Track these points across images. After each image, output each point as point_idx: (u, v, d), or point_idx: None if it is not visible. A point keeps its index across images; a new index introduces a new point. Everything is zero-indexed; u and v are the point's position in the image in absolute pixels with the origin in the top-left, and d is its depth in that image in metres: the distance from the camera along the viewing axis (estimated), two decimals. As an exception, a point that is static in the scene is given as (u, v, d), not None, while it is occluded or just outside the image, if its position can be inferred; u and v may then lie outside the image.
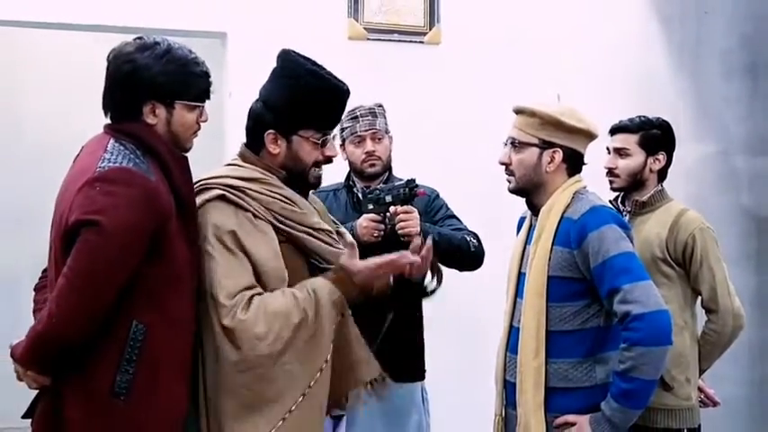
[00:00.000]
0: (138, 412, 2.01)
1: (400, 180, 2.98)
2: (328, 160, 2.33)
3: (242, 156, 2.32)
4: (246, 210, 2.19)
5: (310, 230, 2.27)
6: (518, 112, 2.53)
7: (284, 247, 2.22)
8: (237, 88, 3.63)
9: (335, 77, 2.30)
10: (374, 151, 3.04)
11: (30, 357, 2.01)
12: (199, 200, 2.20)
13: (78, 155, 2.17)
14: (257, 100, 2.31)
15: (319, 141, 2.28)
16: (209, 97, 2.21)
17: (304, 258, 2.27)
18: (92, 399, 2.00)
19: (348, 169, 3.13)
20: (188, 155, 2.22)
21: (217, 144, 3.60)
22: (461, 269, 3.00)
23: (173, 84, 2.12)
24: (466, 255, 2.96)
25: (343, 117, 2.83)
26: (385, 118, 3.10)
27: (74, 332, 1.96)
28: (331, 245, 2.30)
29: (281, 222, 2.23)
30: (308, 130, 2.27)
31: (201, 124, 2.20)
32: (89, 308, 1.95)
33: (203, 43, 3.26)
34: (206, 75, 2.19)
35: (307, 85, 2.24)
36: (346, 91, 2.31)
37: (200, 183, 2.25)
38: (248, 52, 3.76)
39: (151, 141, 2.10)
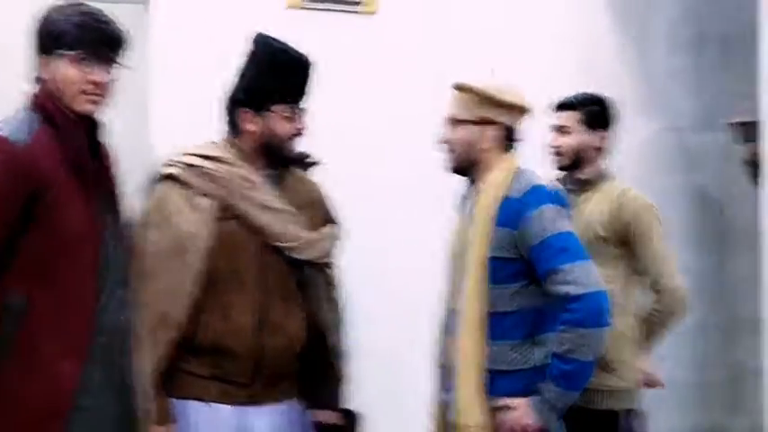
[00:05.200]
0: (17, 386, 2.05)
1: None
2: (300, 133, 2.51)
3: (223, 138, 2.55)
4: (192, 187, 2.44)
5: (259, 206, 2.45)
6: (457, 88, 2.62)
7: (233, 224, 2.44)
8: (163, 60, 3.58)
9: (299, 51, 2.51)
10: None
11: None
12: (155, 176, 2.48)
13: None
14: (233, 83, 2.51)
15: (290, 114, 2.48)
16: (100, 53, 2.20)
17: (256, 234, 2.45)
18: None
19: None
20: (112, 130, 2.28)
21: (140, 119, 3.58)
22: None
23: (52, 32, 2.16)
24: None
25: None
26: None
27: None
28: (282, 222, 2.46)
29: (232, 198, 2.44)
30: (279, 104, 2.48)
31: (92, 86, 2.19)
32: None
33: (125, 10, 3.23)
34: (95, 25, 2.19)
35: (275, 61, 2.47)
36: (309, 62, 2.51)
37: (168, 159, 2.51)
38: (175, 20, 3.70)
39: (46, 105, 2.14)
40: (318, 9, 4.02)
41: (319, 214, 2.62)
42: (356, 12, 4.12)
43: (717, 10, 4.71)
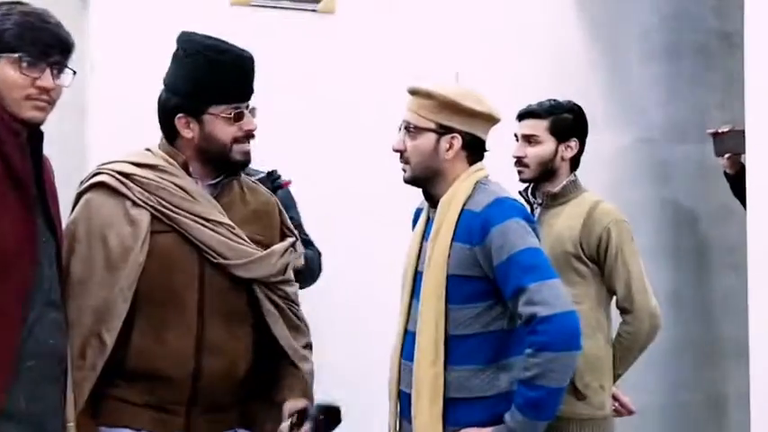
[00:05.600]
0: None
1: (260, 173, 2.95)
2: (249, 135, 2.40)
3: (159, 146, 2.44)
4: (126, 197, 2.34)
5: (199, 219, 2.35)
6: (413, 93, 2.52)
7: (170, 237, 2.34)
8: (102, 59, 3.50)
9: (236, 47, 2.40)
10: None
11: None
12: (84, 185, 2.39)
13: None
14: (163, 89, 2.41)
15: (231, 116, 2.36)
16: (46, 56, 2.12)
17: (196, 250, 2.36)
18: None
19: None
20: (46, 134, 2.17)
21: (77, 123, 3.52)
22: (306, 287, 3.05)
23: None
24: (316, 277, 3.03)
25: None
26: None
27: None
28: (225, 237, 2.37)
29: (167, 209, 2.34)
30: (217, 105, 2.36)
31: (38, 92, 2.10)
32: None
33: (62, 6, 3.16)
34: (41, 25, 2.11)
35: (207, 60, 2.35)
36: (249, 58, 2.40)
37: (98, 166, 2.41)
38: (115, 18, 3.60)
39: None
40: (269, 6, 3.97)
41: (272, 228, 2.54)
42: (314, 10, 4.09)
43: (692, 18, 4.74)
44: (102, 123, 3.43)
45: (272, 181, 2.90)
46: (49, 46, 2.12)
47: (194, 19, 2.33)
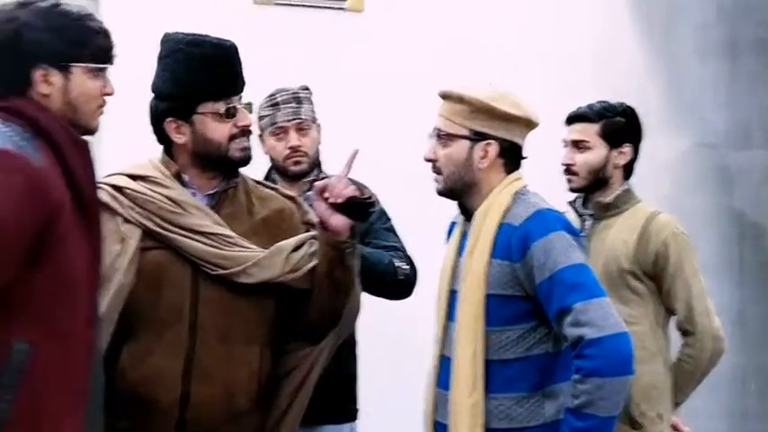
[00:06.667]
0: None
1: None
2: (245, 131, 2.39)
3: (161, 154, 2.45)
4: (117, 213, 2.34)
5: (190, 233, 2.34)
6: (444, 97, 2.50)
7: (160, 254, 2.34)
8: (117, 62, 3.54)
9: (215, 38, 2.39)
10: (299, 146, 2.98)
11: None
12: None
13: None
14: (152, 97, 2.42)
15: (223, 112, 2.36)
16: (112, 62, 2.17)
17: (189, 265, 2.34)
18: None
19: (269, 166, 3.07)
20: None
21: None
22: (386, 297, 2.97)
23: (66, 42, 2.06)
24: (392, 284, 2.92)
25: (261, 104, 3.01)
26: (311, 103, 3.05)
27: None
28: (219, 248, 2.34)
29: (156, 225, 2.34)
30: (205, 103, 2.35)
31: (107, 98, 2.15)
32: None
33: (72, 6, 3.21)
34: (105, 32, 2.14)
35: (185, 56, 2.34)
36: (230, 47, 2.39)
37: (100, 179, 2.37)
38: (129, 19, 3.65)
39: (41, 119, 2.02)
40: (294, 5, 4.02)
41: (289, 232, 2.47)
42: (342, 8, 4.14)
43: (752, 10, 4.74)
44: (116, 126, 3.37)
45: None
46: (106, 52, 2.15)
47: (216, 19, 2.38)
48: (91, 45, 2.09)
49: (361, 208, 2.36)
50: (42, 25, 2.04)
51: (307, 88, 3.07)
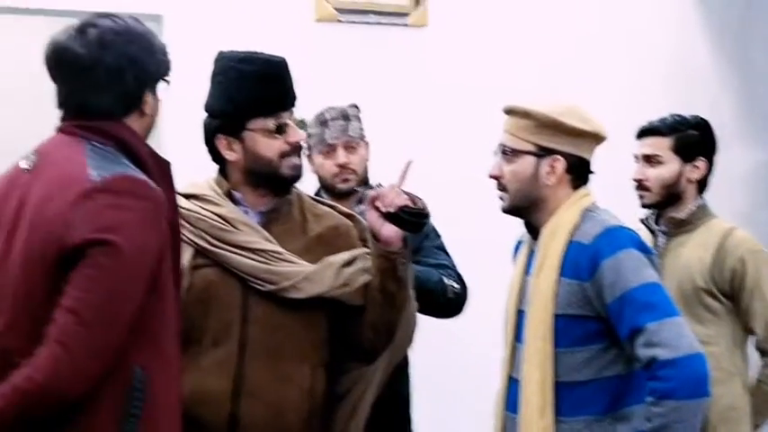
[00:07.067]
0: None
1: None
2: (296, 148, 2.39)
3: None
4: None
5: (239, 250, 2.35)
6: (509, 112, 2.48)
7: (211, 271, 2.36)
8: (178, 81, 3.58)
9: (265, 54, 2.41)
10: (347, 163, 2.99)
11: (10, 420, 1.88)
12: None
13: (35, 162, 2.06)
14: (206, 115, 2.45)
15: (273, 128, 2.37)
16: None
17: (239, 282, 2.36)
18: None
19: (317, 185, 3.08)
20: None
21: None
22: (435, 317, 2.94)
23: (157, 64, 2.12)
24: (441, 302, 2.90)
25: (309, 122, 3.02)
26: (360, 121, 3.06)
27: (83, 382, 1.88)
28: (268, 263, 2.35)
29: (207, 243, 2.36)
30: (255, 120, 2.36)
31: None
32: (103, 350, 1.89)
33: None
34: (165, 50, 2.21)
35: (236, 73, 2.37)
36: (280, 62, 2.40)
37: None
38: (191, 38, 3.72)
39: (134, 142, 2.07)
40: (356, 22, 4.03)
41: (346, 249, 2.45)
42: (405, 24, 4.14)
43: None
44: (177, 145, 3.50)
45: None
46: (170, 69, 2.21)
47: (277, 37, 2.40)
48: (164, 65, 2.15)
49: (414, 219, 2.33)
50: (147, 48, 2.09)
51: (355, 106, 3.08)
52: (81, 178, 1.94)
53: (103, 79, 2.03)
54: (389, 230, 2.32)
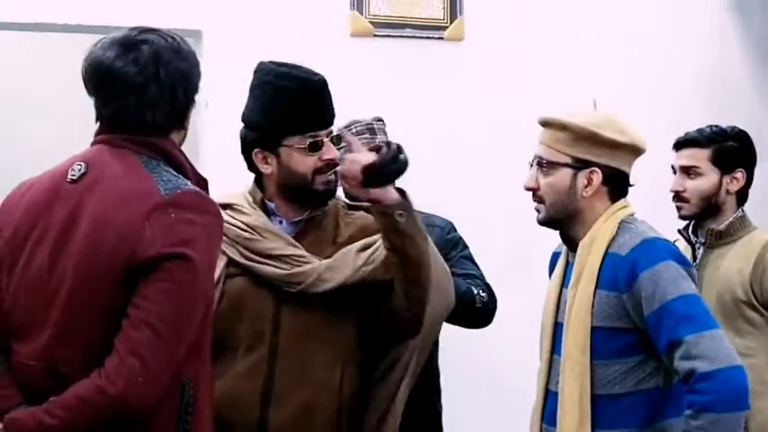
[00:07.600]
0: None
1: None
2: (330, 165, 2.39)
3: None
4: None
5: (265, 258, 2.39)
6: (545, 124, 2.48)
7: (242, 280, 2.40)
8: (215, 96, 3.68)
9: (307, 71, 2.41)
10: None
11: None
12: None
13: (84, 174, 2.03)
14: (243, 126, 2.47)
15: (307, 146, 2.38)
16: None
17: (270, 289, 2.39)
18: None
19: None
20: None
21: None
22: (463, 326, 2.96)
23: (198, 80, 2.14)
24: (469, 311, 2.91)
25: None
26: (386, 135, 3.07)
27: (155, 395, 1.90)
28: (290, 268, 2.38)
29: (237, 253, 2.41)
30: (291, 137, 2.38)
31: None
32: (173, 363, 1.92)
33: None
34: None
35: (274, 89, 2.38)
36: (319, 81, 2.40)
37: None
38: (229, 53, 3.78)
39: (179, 158, 2.10)
40: (392, 36, 4.03)
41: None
42: (441, 38, 4.13)
43: None
44: (216, 161, 3.55)
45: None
46: None
47: (312, 52, 2.38)
48: (200, 79, 2.16)
49: (387, 167, 2.32)
50: (195, 64, 2.11)
51: (381, 119, 3.09)
52: (150, 192, 1.95)
53: (157, 96, 2.03)
54: (373, 193, 2.32)
